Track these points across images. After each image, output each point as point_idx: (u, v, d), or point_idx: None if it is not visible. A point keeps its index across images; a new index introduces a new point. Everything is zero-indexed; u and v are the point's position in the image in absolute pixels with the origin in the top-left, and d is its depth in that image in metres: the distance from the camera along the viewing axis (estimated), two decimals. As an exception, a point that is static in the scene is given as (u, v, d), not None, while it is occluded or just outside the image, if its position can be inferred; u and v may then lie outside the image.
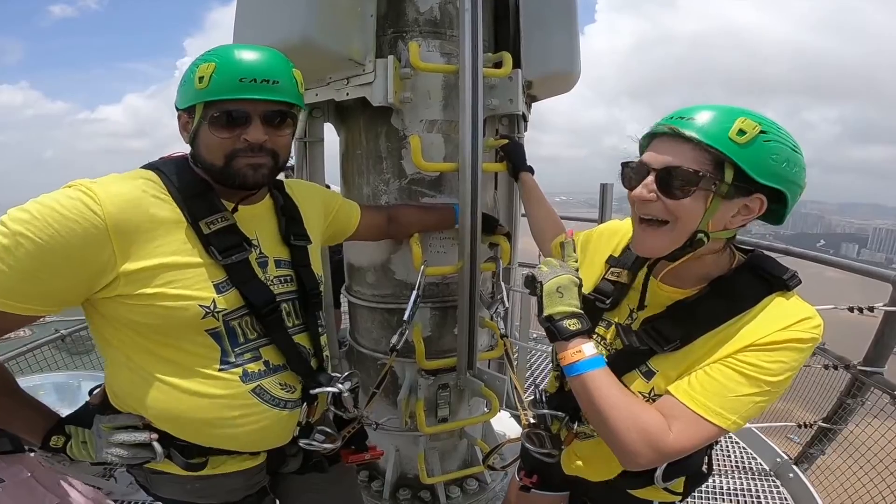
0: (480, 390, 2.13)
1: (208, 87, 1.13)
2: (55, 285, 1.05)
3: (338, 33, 1.79)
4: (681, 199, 1.03)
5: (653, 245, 1.11)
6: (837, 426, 3.05)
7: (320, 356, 1.43)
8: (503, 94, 2.03)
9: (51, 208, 1.01)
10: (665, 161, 1.04)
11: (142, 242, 1.09)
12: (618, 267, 1.31)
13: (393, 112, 1.96)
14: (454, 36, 1.80)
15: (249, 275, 1.24)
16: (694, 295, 1.15)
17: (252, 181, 1.21)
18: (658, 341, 1.14)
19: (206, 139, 1.18)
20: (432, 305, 2.13)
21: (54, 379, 3.29)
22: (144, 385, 1.19)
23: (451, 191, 2.01)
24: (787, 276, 1.10)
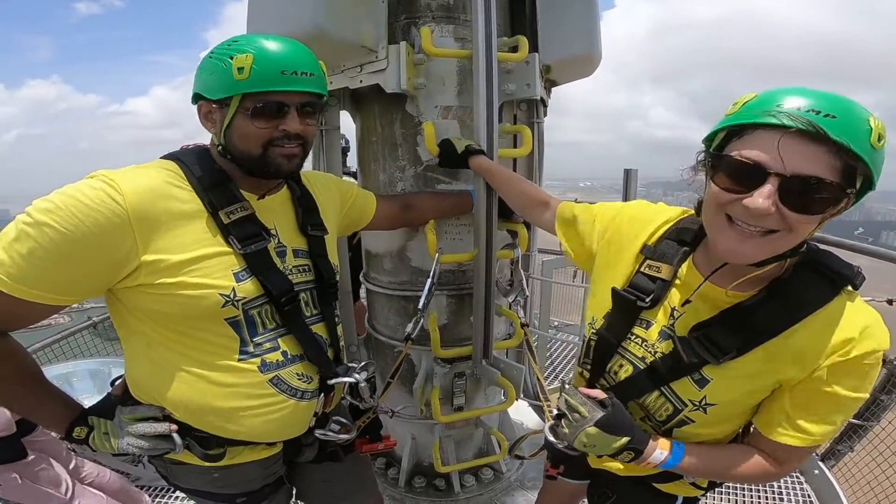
0: (497, 380, 2.11)
1: (250, 77, 1.13)
2: (79, 274, 1.06)
3: (349, 21, 1.77)
4: (810, 216, 0.86)
5: (754, 254, 0.93)
6: (869, 423, 2.93)
7: (337, 346, 1.43)
8: (520, 78, 1.99)
9: (74, 198, 1.02)
10: (796, 168, 0.83)
11: (163, 232, 1.10)
12: (655, 260, 1.17)
13: (407, 98, 1.94)
14: (468, 20, 1.77)
15: (268, 264, 1.25)
16: (750, 298, 1.03)
17: (287, 170, 1.23)
18: (713, 353, 1.04)
19: (243, 129, 1.18)
20: (448, 293, 2.12)
21: (88, 366, 3.39)
22: (164, 375, 1.20)
23: (467, 177, 1.98)
24: (854, 274, 0.99)
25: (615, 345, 1.22)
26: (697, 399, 1.10)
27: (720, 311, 1.06)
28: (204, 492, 1.40)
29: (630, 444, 1.10)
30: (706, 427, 1.14)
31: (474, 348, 2.05)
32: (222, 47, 1.18)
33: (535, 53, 1.97)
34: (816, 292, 0.99)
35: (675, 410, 1.14)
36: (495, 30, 1.72)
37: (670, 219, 1.23)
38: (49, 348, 3.60)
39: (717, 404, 1.09)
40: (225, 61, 1.15)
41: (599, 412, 1.12)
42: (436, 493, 2.47)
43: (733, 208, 0.91)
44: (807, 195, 0.84)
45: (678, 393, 1.12)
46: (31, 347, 3.46)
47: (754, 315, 1.01)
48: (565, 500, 1.81)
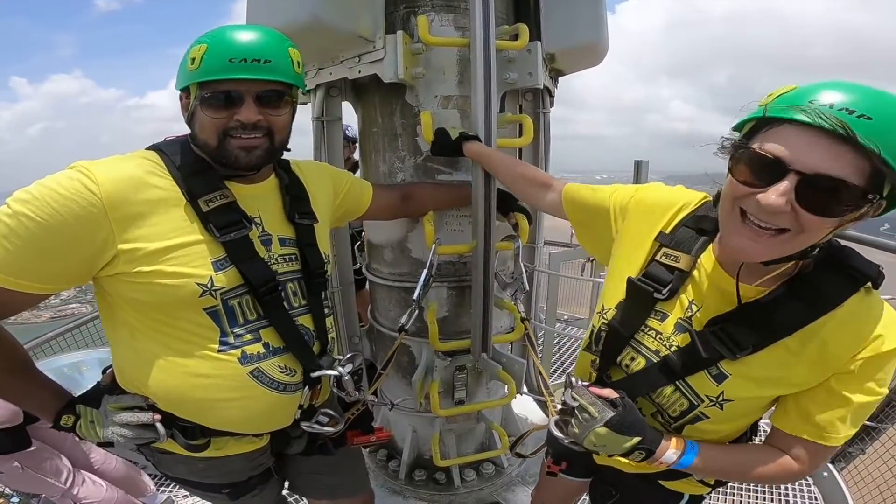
0: (498, 374, 2.09)
1: (199, 68, 1.14)
2: (57, 263, 1.08)
3: (346, 11, 1.75)
4: (825, 218, 0.82)
5: (763, 254, 0.91)
6: (882, 425, 2.84)
7: (324, 338, 1.42)
8: (522, 67, 1.95)
9: (51, 189, 1.04)
10: (818, 167, 0.79)
11: (139, 221, 1.11)
12: (672, 248, 1.13)
13: (406, 88, 1.92)
14: (468, 9, 1.74)
15: (249, 253, 1.24)
16: (770, 294, 1.01)
17: (245, 162, 1.21)
18: (731, 348, 1.02)
19: (199, 119, 1.19)
20: (449, 285, 2.10)
21: (97, 354, 3.44)
22: (145, 364, 1.21)
23: (467, 168, 1.95)
24: (875, 273, 0.97)
25: (627, 337, 1.19)
26: (715, 395, 1.08)
27: (739, 306, 1.04)
28: (190, 481, 1.42)
29: (641, 444, 1.08)
30: (720, 423, 1.12)
31: (473, 341, 2.03)
32: (196, 39, 1.19)
33: (538, 42, 1.93)
34: (836, 289, 0.97)
35: (691, 406, 1.12)
36: (493, 16, 1.68)
37: (688, 203, 1.18)
38: (62, 337, 3.68)
39: (734, 400, 1.07)
40: (187, 53, 1.17)
41: (610, 412, 1.09)
42: (436, 487, 2.46)
43: (748, 203, 0.89)
44: (825, 196, 0.80)
45: (694, 388, 1.10)
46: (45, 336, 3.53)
47: (773, 311, 1.00)
48: (563, 497, 1.79)
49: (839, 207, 0.81)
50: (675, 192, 1.23)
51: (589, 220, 1.37)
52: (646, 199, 1.24)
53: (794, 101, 0.83)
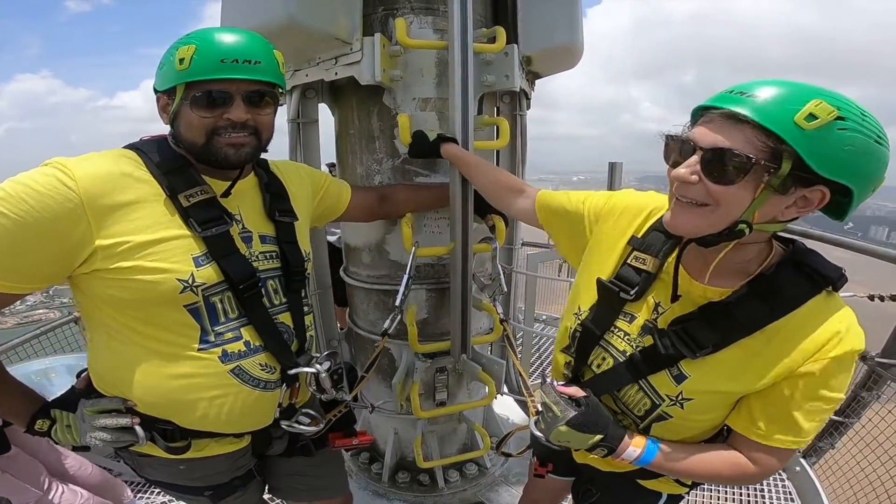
0: (478, 375, 2.10)
1: (189, 68, 1.14)
2: (34, 261, 1.06)
3: (323, 12, 1.74)
4: (726, 186, 0.90)
5: (686, 224, 0.98)
6: (850, 420, 2.93)
7: (303, 336, 1.42)
8: (499, 70, 1.96)
9: (26, 185, 1.03)
10: (714, 141, 0.90)
11: (118, 216, 1.10)
12: (642, 251, 1.17)
13: (384, 91, 1.91)
14: (447, 11, 1.74)
15: (230, 248, 1.24)
16: (731, 295, 1.04)
17: (234, 159, 1.22)
18: (691, 347, 1.05)
19: (187, 119, 1.18)
20: (428, 287, 2.10)
21: (66, 361, 3.35)
22: (124, 366, 1.19)
23: (445, 170, 1.95)
24: (837, 276, 1.00)
25: (598, 336, 1.22)
26: (674, 394, 1.10)
27: (699, 307, 1.06)
28: (170, 484, 1.40)
29: (603, 441, 1.11)
30: (684, 422, 1.14)
31: (453, 343, 2.03)
32: (177, 41, 1.19)
33: (515, 45, 1.94)
34: (797, 291, 1.00)
35: (653, 405, 1.14)
36: (471, 20, 1.69)
37: (660, 208, 1.21)
38: (29, 343, 3.58)
39: (694, 399, 1.08)
40: (172, 53, 1.16)
41: (572, 411, 1.11)
42: (420, 489, 2.46)
43: (673, 185, 0.98)
44: (719, 166, 0.90)
45: (655, 387, 1.12)
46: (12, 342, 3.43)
47: (734, 311, 1.02)
48: (551, 496, 1.81)
49: (733, 174, 0.89)
50: (648, 197, 1.27)
51: (563, 226, 1.40)
52: (619, 204, 1.28)
53: (719, 93, 0.95)
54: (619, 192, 1.34)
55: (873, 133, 0.86)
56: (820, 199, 0.90)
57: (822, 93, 0.86)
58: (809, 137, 0.84)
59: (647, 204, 1.24)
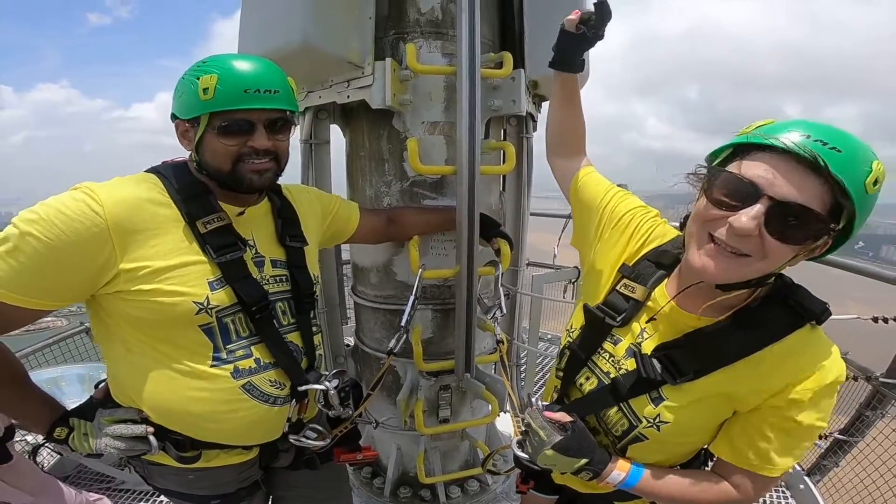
0: (481, 393, 2.12)
1: (214, 97, 1.19)
2: (61, 281, 1.12)
3: (336, 36, 1.80)
4: (786, 244, 0.87)
5: (723, 274, 0.93)
6: (854, 439, 2.93)
7: (312, 355, 1.46)
8: (506, 94, 2.00)
9: (56, 209, 1.09)
10: (788, 194, 0.84)
11: (141, 241, 1.16)
12: (632, 280, 1.19)
13: (394, 114, 1.96)
14: (455, 36, 1.79)
15: (243, 273, 1.29)
16: (715, 325, 1.05)
17: (258, 184, 1.28)
18: (672, 373, 1.07)
19: (212, 146, 1.24)
20: (434, 307, 2.13)
21: (77, 370, 3.40)
22: (141, 378, 1.25)
23: (452, 193, 1.99)
24: (820, 311, 1.00)
25: (584, 359, 1.25)
26: (652, 416, 1.12)
27: (684, 335, 1.09)
28: (179, 492, 1.44)
29: (588, 465, 1.13)
30: (660, 444, 1.16)
31: (457, 362, 2.06)
32: (193, 68, 1.24)
33: (521, 70, 1.98)
34: (780, 324, 1.01)
35: (631, 426, 1.16)
36: (479, 46, 1.73)
37: (659, 235, 1.24)
38: (41, 352, 3.62)
39: (671, 423, 1.11)
40: (193, 82, 1.21)
41: (557, 436, 1.13)
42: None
43: (716, 226, 0.92)
44: (792, 223, 0.85)
45: (635, 409, 1.15)
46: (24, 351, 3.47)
47: (716, 340, 1.04)
48: None
49: (803, 235, 0.86)
50: (653, 222, 1.27)
51: (583, 216, 1.40)
52: (631, 223, 1.28)
53: (771, 131, 0.88)
54: (632, 209, 1.31)
55: None
56: (822, 246, 0.91)
57: (872, 151, 0.85)
58: (868, 201, 0.85)
59: (649, 231, 1.25)
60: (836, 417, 3.19)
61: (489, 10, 2.09)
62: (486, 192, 2.16)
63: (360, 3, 1.85)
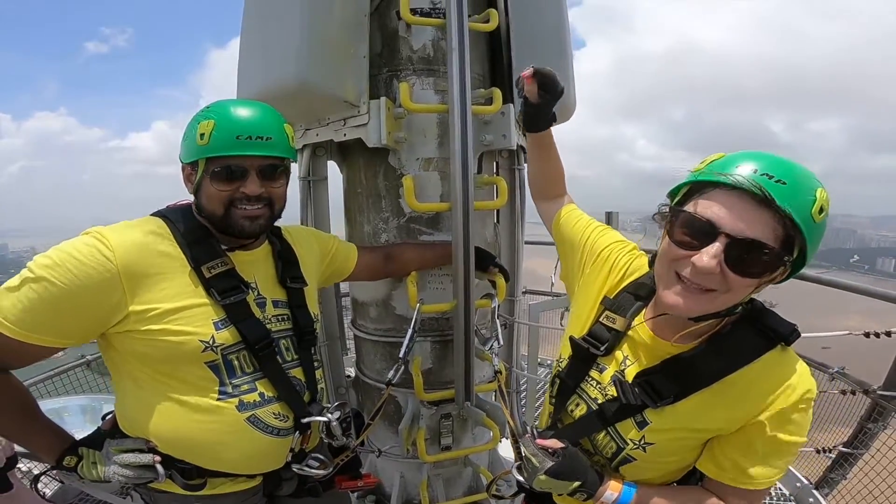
0: (482, 420, 2.15)
1: (209, 143, 1.25)
2: (73, 321, 1.20)
3: (332, 75, 1.86)
4: (747, 278, 0.93)
5: (693, 309, 1.00)
6: (858, 451, 2.96)
7: (314, 388, 1.51)
8: (497, 129, 2.06)
9: (69, 254, 1.16)
10: (742, 230, 0.90)
11: (150, 285, 1.22)
12: (613, 311, 1.26)
13: (390, 151, 2.01)
14: (447, 72, 1.84)
15: (246, 314, 1.34)
16: (690, 350, 1.11)
17: (250, 230, 1.33)
18: (652, 397, 1.12)
19: (207, 191, 1.30)
20: (432, 339, 2.17)
21: (79, 401, 3.45)
22: (149, 411, 1.30)
23: (448, 228, 2.03)
24: (789, 332, 1.07)
25: (573, 386, 1.30)
26: (637, 438, 1.17)
27: (662, 361, 1.14)
28: None
29: (582, 487, 1.17)
30: (648, 464, 1.20)
31: (457, 392, 2.08)
32: (197, 114, 1.31)
33: (511, 104, 2.04)
34: (751, 346, 1.07)
35: (619, 448, 1.21)
36: (469, 84, 1.79)
37: (637, 269, 1.30)
38: (43, 384, 3.67)
39: (655, 443, 1.16)
40: (194, 127, 1.28)
41: (549, 462, 1.18)
42: (425, 531, 2.48)
43: (682, 265, 0.98)
44: (749, 258, 0.91)
45: (621, 432, 1.20)
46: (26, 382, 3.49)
47: (693, 365, 1.10)
48: None
49: (760, 269, 0.92)
50: (630, 255, 1.34)
51: (566, 252, 1.48)
52: (609, 259, 1.35)
53: (721, 167, 0.95)
54: (611, 244, 1.38)
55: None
56: (780, 275, 0.98)
57: (816, 178, 0.91)
58: (816, 230, 0.90)
59: (624, 266, 1.32)
60: (839, 430, 3.22)
61: (478, 45, 2.15)
62: (481, 225, 2.21)
63: (355, 43, 1.92)
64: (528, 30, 2.20)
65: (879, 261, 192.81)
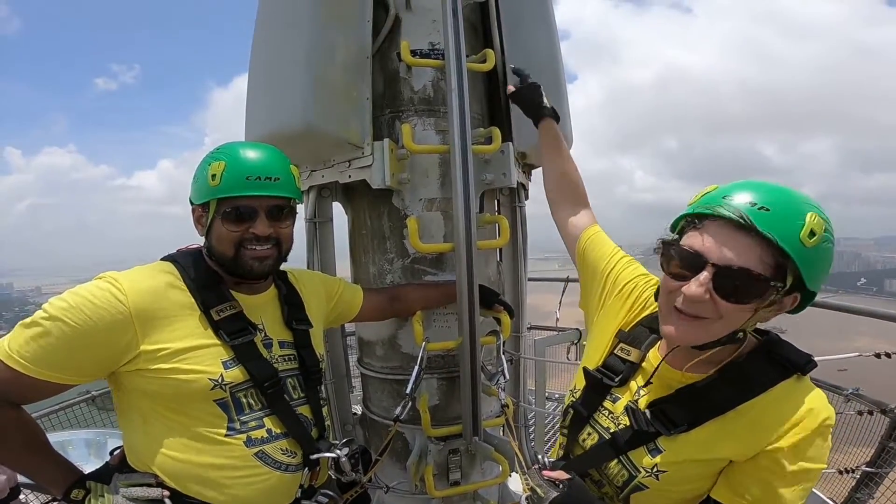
0: (491, 455, 2.15)
1: (220, 184, 1.31)
2: (86, 360, 1.26)
3: (336, 118, 1.92)
4: (737, 305, 0.97)
5: (689, 338, 1.05)
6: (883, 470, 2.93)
7: (322, 425, 1.55)
8: (497, 168, 2.11)
9: (85, 298, 1.23)
10: (728, 259, 0.95)
11: (161, 327, 1.28)
12: (627, 343, 1.29)
13: (393, 192, 2.05)
14: (447, 112, 1.89)
15: (254, 354, 1.39)
16: (704, 380, 1.13)
17: (259, 271, 1.39)
18: (666, 425, 1.14)
19: (218, 232, 1.36)
20: (439, 376, 2.19)
21: (83, 435, 3.48)
22: (158, 446, 1.33)
23: (452, 268, 2.06)
24: (804, 362, 1.08)
25: (586, 416, 1.32)
26: (650, 466, 1.17)
27: (676, 390, 1.16)
28: None
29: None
30: (660, 493, 1.20)
31: (464, 427, 2.09)
32: (208, 155, 1.37)
33: (510, 143, 2.10)
34: (765, 376, 1.09)
35: (630, 476, 1.21)
36: (469, 125, 1.84)
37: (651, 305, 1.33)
38: (47, 417, 3.70)
39: (668, 471, 1.16)
40: (205, 168, 1.34)
41: (553, 493, 1.20)
42: (436, 567, 2.45)
43: (676, 296, 1.03)
44: (735, 285, 0.95)
45: (633, 461, 1.20)
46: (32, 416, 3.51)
47: (706, 394, 1.12)
48: None
49: (748, 295, 0.95)
50: (650, 290, 1.36)
51: (587, 280, 1.51)
52: (628, 291, 1.38)
53: (713, 199, 1.00)
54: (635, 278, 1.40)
55: (834, 240, 0.95)
56: (791, 303, 1.01)
57: (811, 203, 0.95)
58: (810, 254, 0.93)
59: (648, 298, 1.34)
60: (860, 451, 3.21)
61: (476, 85, 2.21)
62: (484, 264, 2.24)
63: (358, 85, 1.98)
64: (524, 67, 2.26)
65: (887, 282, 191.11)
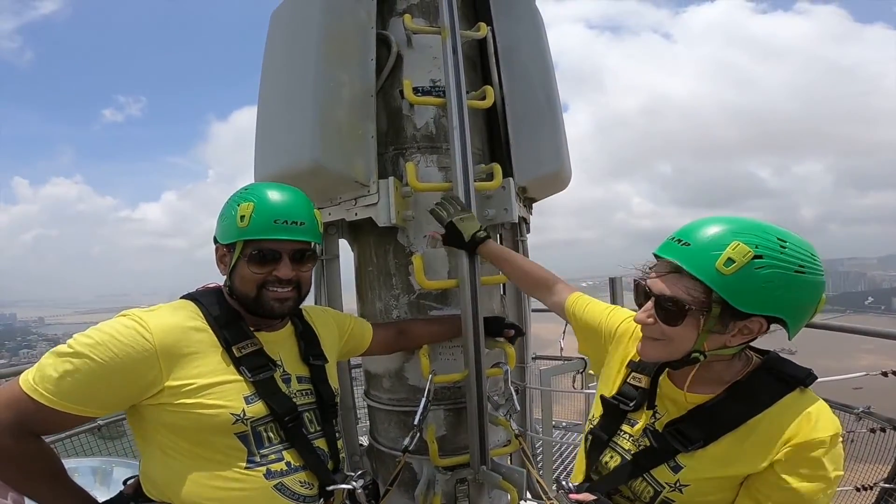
0: (499, 483, 2.17)
1: (248, 226, 1.37)
2: (110, 395, 1.30)
3: (342, 156, 1.99)
4: (673, 327, 1.12)
5: (650, 354, 1.23)
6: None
7: (337, 458, 1.59)
8: (498, 203, 2.17)
9: (110, 335, 1.27)
10: (661, 289, 1.13)
11: (184, 363, 1.33)
12: (639, 372, 1.38)
13: (399, 229, 2.11)
14: (449, 149, 1.97)
15: (274, 389, 1.44)
16: (712, 399, 1.21)
17: (279, 312, 1.45)
18: (682, 442, 1.21)
19: (242, 272, 1.42)
20: (446, 407, 2.22)
21: (90, 463, 3.49)
22: (176, 477, 1.36)
23: (457, 302, 2.10)
24: (805, 376, 1.17)
25: (606, 440, 1.39)
26: (672, 481, 1.24)
27: (689, 411, 1.25)
28: None
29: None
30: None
31: (472, 457, 2.11)
32: (236, 195, 1.43)
33: (510, 178, 2.16)
34: (769, 392, 1.17)
35: (656, 493, 1.27)
36: (471, 163, 1.91)
37: None
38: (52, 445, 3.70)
39: (690, 484, 1.22)
40: (234, 208, 1.39)
41: None
42: None
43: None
44: (666, 311, 1.12)
45: (657, 478, 1.27)
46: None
47: (717, 411, 1.20)
48: None
49: (678, 319, 1.10)
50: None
51: (587, 336, 1.63)
52: (625, 333, 1.50)
53: (665, 242, 1.17)
54: (625, 321, 1.53)
55: (792, 265, 1.02)
56: (759, 328, 1.10)
57: (743, 232, 1.05)
58: (730, 282, 1.03)
59: (637, 332, 1.42)
60: (876, 468, 3.22)
61: (476, 121, 2.28)
62: (488, 298, 2.28)
63: (363, 123, 2.06)
64: (522, 104, 2.35)
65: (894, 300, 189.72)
